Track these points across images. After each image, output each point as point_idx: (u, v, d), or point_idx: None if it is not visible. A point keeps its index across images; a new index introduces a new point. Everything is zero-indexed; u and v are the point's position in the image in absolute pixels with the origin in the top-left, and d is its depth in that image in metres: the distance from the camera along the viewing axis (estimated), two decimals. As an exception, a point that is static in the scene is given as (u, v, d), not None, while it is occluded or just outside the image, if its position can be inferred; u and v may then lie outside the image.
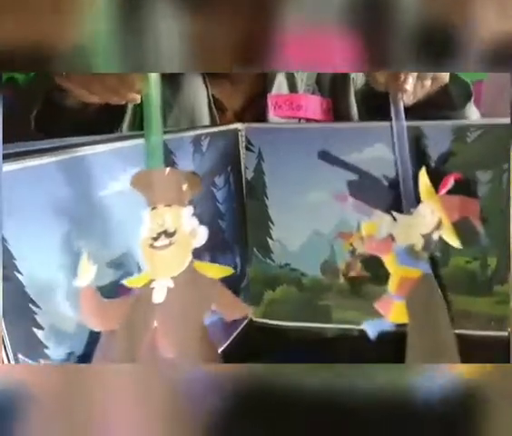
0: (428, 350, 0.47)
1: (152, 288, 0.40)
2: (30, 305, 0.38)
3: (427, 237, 0.47)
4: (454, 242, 0.46)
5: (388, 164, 0.53)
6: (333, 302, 0.56)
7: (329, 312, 0.57)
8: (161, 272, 0.40)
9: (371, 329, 0.49)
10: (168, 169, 0.40)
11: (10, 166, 0.37)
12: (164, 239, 0.39)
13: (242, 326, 0.58)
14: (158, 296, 0.40)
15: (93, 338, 0.40)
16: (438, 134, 0.52)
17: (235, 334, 0.56)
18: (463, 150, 0.51)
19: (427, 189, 0.46)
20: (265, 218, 0.58)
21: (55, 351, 0.39)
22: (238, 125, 0.57)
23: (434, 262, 0.49)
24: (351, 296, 0.56)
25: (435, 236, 0.47)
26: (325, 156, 0.55)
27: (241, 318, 0.57)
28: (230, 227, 0.57)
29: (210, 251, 0.52)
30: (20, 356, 0.37)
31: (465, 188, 0.48)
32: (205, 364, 0.41)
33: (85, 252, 0.38)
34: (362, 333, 0.54)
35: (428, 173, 0.47)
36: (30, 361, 0.38)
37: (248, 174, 0.58)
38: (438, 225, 0.46)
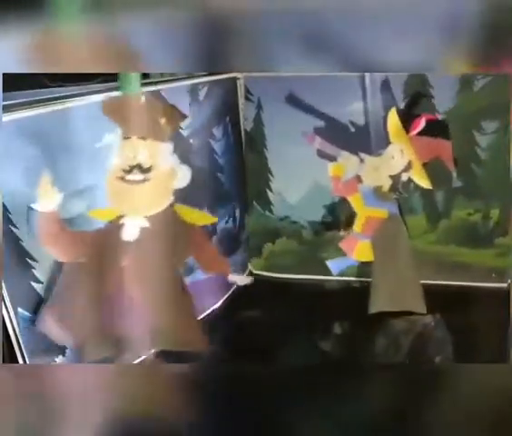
0: (392, 290, 0.49)
1: (122, 224, 0.38)
2: (27, 259, 0.37)
3: (395, 178, 0.48)
4: (424, 183, 0.48)
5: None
6: (334, 254, 0.56)
7: (330, 265, 0.57)
8: (132, 209, 0.38)
9: (334, 266, 0.51)
10: (144, 98, 0.37)
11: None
12: (138, 174, 0.37)
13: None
14: (128, 234, 0.38)
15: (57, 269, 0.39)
16: (443, 83, 0.50)
17: (235, 286, 0.56)
18: (469, 99, 0.49)
19: (396, 130, 0.47)
20: (265, 170, 0.57)
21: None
22: (236, 74, 0.55)
23: (401, 204, 0.50)
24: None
25: (404, 177, 0.48)
26: (292, 101, 0.53)
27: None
28: (229, 180, 0.56)
29: (208, 204, 0.51)
30: (20, 310, 0.37)
31: (438, 130, 0.48)
32: (175, 312, 0.40)
33: (46, 175, 0.36)
34: (363, 285, 0.55)
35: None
36: (30, 315, 0.38)
37: (247, 125, 0.57)
38: (408, 167, 0.47)
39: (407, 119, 0.47)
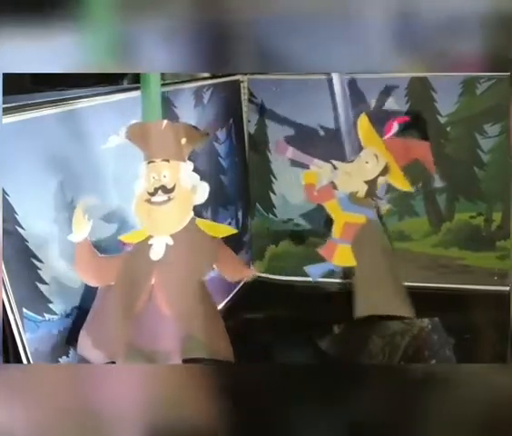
0: (375, 294, 0.48)
1: (150, 244, 0.39)
2: (32, 260, 0.38)
3: (370, 183, 0.48)
4: (403, 186, 0.48)
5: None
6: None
7: (333, 267, 0.57)
8: (159, 229, 0.39)
9: (313, 272, 0.51)
10: (165, 122, 0.38)
11: (8, 119, 0.35)
12: (162, 194, 0.38)
13: (245, 280, 0.58)
14: (156, 253, 0.39)
15: (92, 293, 0.40)
16: (446, 86, 0.50)
17: (237, 288, 0.56)
18: (472, 102, 0.50)
19: (368, 134, 0.47)
20: (267, 172, 0.57)
21: (60, 306, 0.40)
22: (239, 77, 0.56)
23: (379, 210, 0.50)
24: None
25: (381, 181, 0.48)
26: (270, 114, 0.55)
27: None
28: (232, 182, 0.56)
29: (211, 206, 0.51)
30: (25, 310, 0.37)
31: (415, 131, 0.48)
32: (204, 322, 0.41)
33: (79, 206, 0.37)
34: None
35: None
36: (34, 316, 0.38)
37: (250, 128, 0.57)
38: (385, 170, 0.47)
39: (380, 122, 0.47)
